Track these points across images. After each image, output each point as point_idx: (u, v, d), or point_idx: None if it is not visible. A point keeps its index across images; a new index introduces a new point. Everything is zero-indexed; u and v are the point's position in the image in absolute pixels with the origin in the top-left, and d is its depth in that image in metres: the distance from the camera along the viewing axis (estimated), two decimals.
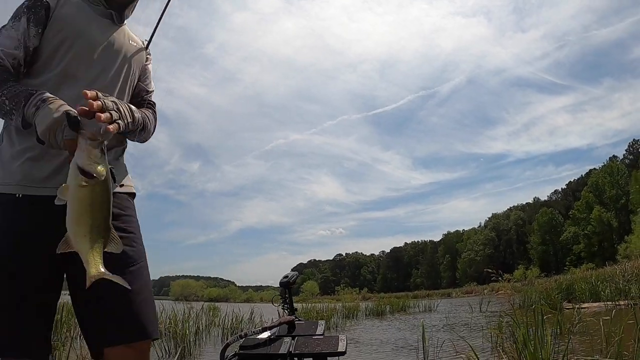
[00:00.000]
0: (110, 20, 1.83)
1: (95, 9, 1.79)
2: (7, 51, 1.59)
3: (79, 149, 1.22)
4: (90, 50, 1.73)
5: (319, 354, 2.08)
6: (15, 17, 1.66)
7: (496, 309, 15.80)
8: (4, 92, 1.47)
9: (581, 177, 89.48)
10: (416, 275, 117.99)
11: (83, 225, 1.22)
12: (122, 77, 1.84)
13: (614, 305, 10.38)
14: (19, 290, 1.51)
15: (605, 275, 16.66)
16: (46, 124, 1.32)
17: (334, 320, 14.28)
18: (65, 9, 1.71)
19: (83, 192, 1.21)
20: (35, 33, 1.64)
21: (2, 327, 1.48)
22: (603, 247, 66.91)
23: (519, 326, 3.83)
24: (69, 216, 1.22)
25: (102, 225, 1.25)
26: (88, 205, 1.21)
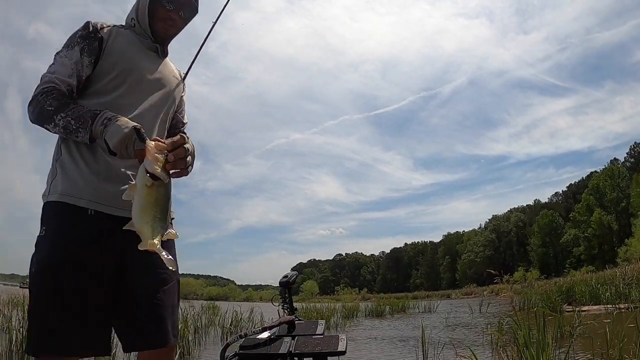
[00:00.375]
0: (156, 53, 2.02)
1: (144, 41, 1.97)
2: (62, 78, 1.76)
3: (147, 156, 1.42)
4: (140, 84, 1.90)
5: (319, 353, 2.08)
6: (69, 46, 1.81)
7: (496, 311, 15.78)
8: (69, 113, 1.65)
9: (582, 180, 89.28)
10: (416, 276, 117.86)
11: (146, 216, 1.40)
12: (165, 109, 2.01)
13: (614, 308, 10.36)
14: (87, 291, 1.66)
15: (605, 278, 16.61)
16: (119, 137, 1.54)
17: (334, 320, 14.27)
18: (118, 42, 1.88)
19: (148, 190, 1.40)
20: (88, 63, 1.81)
21: (72, 325, 1.62)
22: (603, 250, 66.75)
23: (521, 328, 3.80)
24: (135, 208, 1.40)
25: (162, 219, 1.43)
26: (152, 203, 1.41)
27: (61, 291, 1.62)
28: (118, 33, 1.91)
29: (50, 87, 1.73)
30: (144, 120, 1.80)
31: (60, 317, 1.61)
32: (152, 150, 1.44)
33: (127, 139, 1.53)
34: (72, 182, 1.75)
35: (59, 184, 1.77)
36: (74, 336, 1.61)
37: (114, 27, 1.92)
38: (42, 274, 1.65)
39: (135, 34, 1.97)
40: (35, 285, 1.66)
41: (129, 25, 1.99)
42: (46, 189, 1.82)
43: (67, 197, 1.73)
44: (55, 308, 1.61)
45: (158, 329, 1.82)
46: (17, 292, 11.81)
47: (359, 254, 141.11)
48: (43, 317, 1.62)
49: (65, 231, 1.70)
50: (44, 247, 1.69)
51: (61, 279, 1.63)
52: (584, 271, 39.47)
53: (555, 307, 10.02)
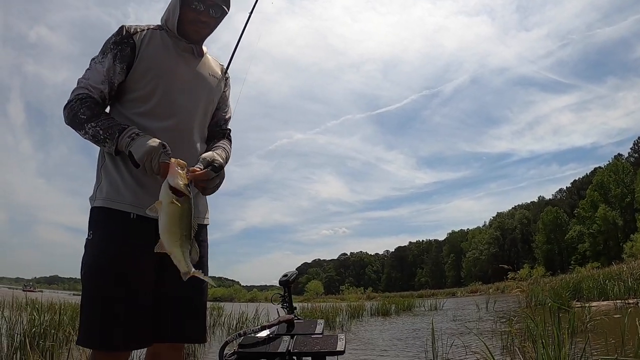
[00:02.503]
0: (192, 54, 2.03)
1: (178, 43, 1.99)
2: (95, 85, 1.83)
3: (171, 172, 1.51)
4: (175, 87, 1.93)
5: (318, 352, 2.10)
6: (103, 53, 1.87)
7: (503, 308, 15.70)
8: (98, 124, 1.74)
9: (586, 176, 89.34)
10: (421, 274, 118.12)
11: (174, 234, 1.49)
12: (204, 110, 2.06)
13: (623, 303, 10.25)
14: (130, 291, 1.75)
15: (612, 273, 16.51)
16: (144, 150, 1.62)
17: (339, 319, 14.20)
18: (151, 48, 1.92)
19: (173, 208, 1.48)
20: (120, 70, 1.86)
21: (117, 323, 1.72)
22: (608, 246, 66.79)
23: (537, 325, 3.69)
24: (161, 226, 1.50)
25: (188, 235, 1.52)
26: (178, 218, 1.49)
27: (107, 293, 1.74)
28: (152, 37, 1.94)
29: (84, 94, 1.81)
30: (181, 122, 1.93)
31: (107, 317, 1.72)
32: (174, 165, 1.53)
33: (153, 151, 1.62)
34: (115, 187, 1.84)
35: (103, 189, 1.86)
36: (118, 334, 1.72)
37: (148, 31, 1.95)
38: (90, 276, 1.78)
39: (169, 36, 1.99)
40: (86, 288, 1.79)
41: (162, 27, 2.01)
42: (92, 194, 1.90)
43: (110, 202, 1.82)
44: (102, 308, 1.73)
45: (197, 325, 1.97)
46: (19, 295, 11.84)
47: (363, 253, 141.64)
48: (92, 315, 1.75)
49: (109, 235, 1.80)
50: (91, 251, 1.81)
51: (107, 281, 1.75)
52: (590, 267, 39.45)
53: (565, 302, 9.89)
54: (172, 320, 1.87)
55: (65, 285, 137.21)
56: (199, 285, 1.94)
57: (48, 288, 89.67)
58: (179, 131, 1.91)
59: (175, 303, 1.89)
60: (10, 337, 4.92)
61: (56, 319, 5.55)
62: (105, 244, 1.79)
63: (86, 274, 1.79)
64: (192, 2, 1.94)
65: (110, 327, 1.71)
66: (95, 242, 1.81)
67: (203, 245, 2.06)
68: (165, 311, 1.87)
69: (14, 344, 4.78)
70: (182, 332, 1.91)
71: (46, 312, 5.89)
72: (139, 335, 1.77)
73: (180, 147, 1.86)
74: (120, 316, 1.72)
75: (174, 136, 1.86)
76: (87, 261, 1.80)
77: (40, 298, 10.09)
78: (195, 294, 1.95)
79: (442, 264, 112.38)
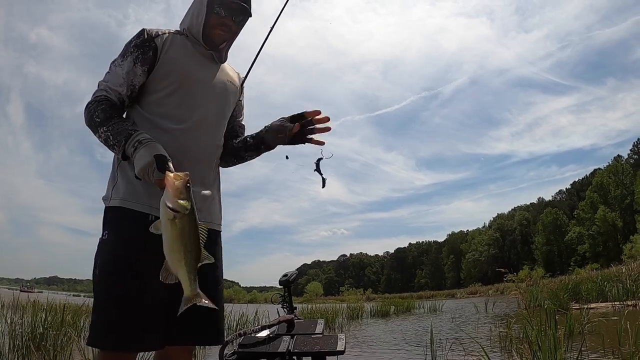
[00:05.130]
0: (211, 60, 2.05)
1: (198, 49, 2.00)
2: (113, 87, 1.83)
3: (167, 187, 1.44)
4: (195, 92, 1.94)
5: (318, 352, 2.09)
6: (123, 55, 1.86)
7: (502, 310, 15.70)
8: (110, 128, 1.72)
9: (586, 177, 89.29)
10: (420, 275, 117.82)
11: (177, 252, 1.44)
12: (221, 115, 2.07)
13: (621, 305, 10.26)
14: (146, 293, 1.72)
15: (611, 275, 16.51)
16: (140, 165, 1.60)
17: (339, 320, 14.20)
18: (172, 51, 1.92)
19: (172, 225, 1.42)
20: (141, 72, 1.86)
21: (131, 325, 1.70)
22: (608, 247, 66.65)
23: (533, 327, 3.72)
24: (164, 246, 1.45)
25: (193, 250, 1.46)
26: (178, 235, 1.43)
27: (121, 294, 1.71)
28: (173, 41, 1.94)
29: (102, 96, 1.81)
30: (199, 128, 1.92)
31: (121, 318, 1.69)
32: (170, 180, 1.45)
33: (147, 167, 1.59)
34: (132, 188, 1.81)
35: (120, 189, 1.83)
36: (131, 335, 1.70)
37: (169, 35, 1.95)
38: (104, 277, 1.76)
39: (189, 41, 1.99)
40: (98, 288, 1.77)
41: (181, 33, 2.01)
42: (107, 193, 1.88)
43: (128, 203, 1.80)
44: (116, 309, 1.70)
45: (214, 326, 1.95)
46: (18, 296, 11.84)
47: (363, 254, 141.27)
48: (105, 316, 1.73)
49: (126, 236, 1.78)
50: (106, 252, 1.78)
51: (121, 283, 1.72)
52: (589, 269, 39.41)
53: (563, 304, 9.90)
54: (188, 321, 1.82)
55: (64, 286, 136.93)
56: (215, 286, 1.94)
57: (47, 289, 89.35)
58: (195, 134, 1.91)
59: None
60: (12, 337, 4.94)
61: (57, 319, 5.56)
62: (121, 245, 1.77)
63: (101, 273, 1.77)
64: (215, 7, 1.95)
65: (124, 328, 1.69)
66: (111, 242, 1.79)
67: (217, 249, 2.04)
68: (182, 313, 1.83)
69: (17, 345, 4.80)
70: (199, 333, 1.90)
71: (47, 313, 5.88)
72: (151, 337, 1.75)
73: (196, 151, 1.90)
74: (134, 317, 1.70)
75: (190, 139, 1.88)
76: (102, 261, 1.78)
77: (38, 298, 10.08)
78: (213, 293, 1.88)
79: (441, 266, 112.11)
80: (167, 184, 1.45)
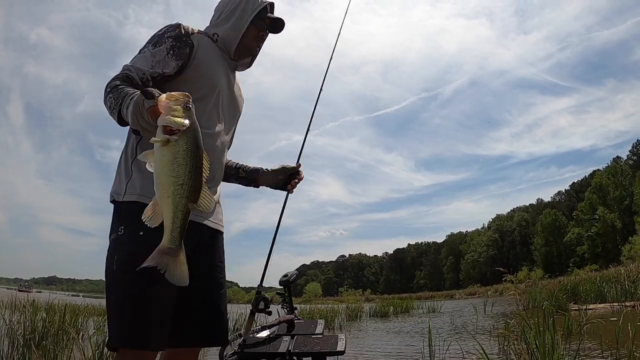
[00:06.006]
0: (233, 71, 2.03)
1: (225, 57, 1.97)
2: (138, 67, 1.70)
3: (160, 109, 1.21)
4: (220, 102, 1.91)
5: (318, 353, 2.08)
6: (156, 44, 1.77)
7: (501, 311, 15.69)
8: (115, 94, 1.55)
9: (585, 178, 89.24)
10: (419, 276, 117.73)
11: (164, 185, 1.17)
12: (233, 131, 2.09)
13: (620, 306, 10.27)
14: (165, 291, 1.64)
15: (610, 276, 16.52)
16: (130, 110, 1.38)
17: (338, 321, 14.19)
18: (206, 53, 1.86)
19: (164, 150, 1.16)
20: (175, 66, 1.76)
21: (152, 322, 1.65)
22: (607, 249, 66.59)
23: (531, 328, 3.73)
24: (154, 179, 1.19)
25: (187, 183, 1.17)
26: (168, 162, 1.15)
27: (143, 291, 1.64)
28: (206, 44, 1.88)
29: (123, 74, 1.68)
30: (219, 139, 1.90)
31: (143, 315, 1.64)
32: (163, 101, 1.22)
33: (137, 105, 1.36)
34: (150, 183, 1.67)
35: (137, 184, 1.75)
36: (153, 333, 1.66)
37: (201, 36, 1.89)
38: (125, 273, 1.66)
39: (218, 48, 1.95)
40: (118, 284, 1.69)
41: (208, 35, 1.95)
42: (119, 187, 1.79)
43: (147, 199, 1.64)
44: (138, 306, 1.65)
45: (221, 327, 1.93)
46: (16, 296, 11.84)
47: (362, 255, 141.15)
48: (126, 314, 1.66)
49: (146, 232, 1.60)
50: (126, 247, 1.69)
51: (143, 279, 1.61)
52: (588, 270, 39.39)
53: (562, 305, 9.92)
54: (195, 322, 1.84)
55: (63, 286, 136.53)
56: (219, 289, 1.93)
57: (46, 289, 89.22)
58: (214, 143, 1.87)
59: (197, 305, 1.85)
60: (11, 337, 4.95)
61: (57, 319, 5.57)
62: (140, 242, 1.64)
63: (120, 271, 1.68)
64: (258, 19, 1.97)
65: (148, 327, 1.65)
66: (130, 238, 1.70)
67: (220, 251, 2.02)
68: (188, 313, 1.83)
69: (17, 344, 4.81)
70: (205, 334, 1.88)
71: (47, 312, 5.89)
72: (166, 336, 1.72)
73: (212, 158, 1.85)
74: (155, 316, 1.66)
75: (209, 148, 1.78)
76: (121, 258, 1.69)
77: (38, 298, 10.09)
78: (218, 294, 1.93)
79: (440, 266, 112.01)
80: (160, 106, 1.22)
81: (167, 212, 1.17)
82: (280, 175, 2.29)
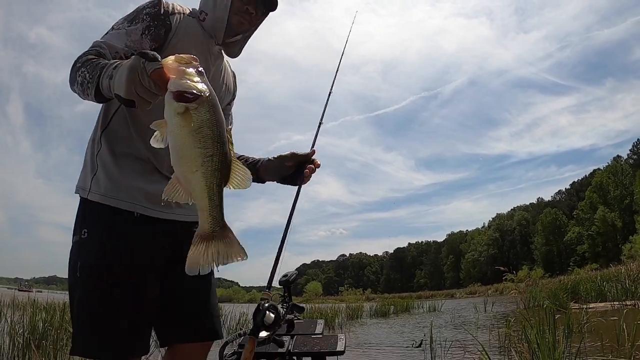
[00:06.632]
0: (217, 56, 1.84)
1: (207, 38, 1.77)
2: (110, 43, 1.52)
3: (169, 73, 1.03)
4: None
5: (318, 353, 2.06)
6: (132, 21, 1.61)
7: (501, 310, 15.69)
8: (88, 68, 1.37)
9: (585, 177, 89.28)
10: (420, 275, 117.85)
11: (189, 159, 0.99)
12: None
13: (620, 305, 10.26)
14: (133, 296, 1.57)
15: (610, 275, 16.51)
16: (124, 77, 1.14)
17: (338, 320, 14.19)
18: (185, 38, 1.69)
19: (182, 120, 0.98)
20: (148, 46, 1.58)
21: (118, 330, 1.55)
22: (607, 248, 66.63)
23: (532, 327, 3.73)
24: (172, 155, 1.01)
25: (215, 155, 1.00)
26: (191, 132, 0.98)
27: (109, 297, 1.54)
28: (187, 25, 1.71)
29: (94, 49, 1.49)
30: None
31: (107, 322, 1.55)
32: (172, 63, 1.04)
33: (133, 70, 1.12)
34: (116, 181, 1.61)
35: (101, 182, 1.62)
36: (118, 341, 1.56)
37: (183, 16, 1.72)
38: (89, 279, 1.57)
39: (202, 29, 1.76)
40: (81, 290, 1.58)
41: (196, 15, 1.78)
42: (84, 182, 1.66)
43: (112, 200, 1.60)
44: (102, 314, 1.55)
45: (210, 322, 1.85)
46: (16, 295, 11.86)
47: (362, 254, 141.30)
48: (91, 321, 1.56)
49: (111, 236, 1.59)
50: (89, 252, 1.59)
51: (109, 285, 1.55)
52: (588, 269, 39.36)
53: (563, 304, 9.92)
54: (182, 318, 1.76)
55: (64, 286, 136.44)
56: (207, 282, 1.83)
57: (46, 288, 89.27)
58: None
59: (186, 302, 1.77)
60: (11, 337, 4.95)
61: (57, 319, 5.56)
62: (105, 247, 1.58)
63: (82, 278, 1.58)
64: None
65: (110, 335, 1.55)
66: (93, 242, 1.59)
67: None
68: (176, 310, 1.75)
69: (17, 344, 4.81)
70: (197, 329, 1.80)
71: (47, 312, 5.89)
72: (137, 344, 1.60)
73: None
74: (121, 325, 1.55)
75: None
76: (84, 263, 1.58)
77: (38, 298, 10.09)
78: (204, 289, 1.83)
79: (441, 266, 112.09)
80: (168, 69, 1.04)
81: (199, 189, 1.00)
82: (288, 162, 1.90)
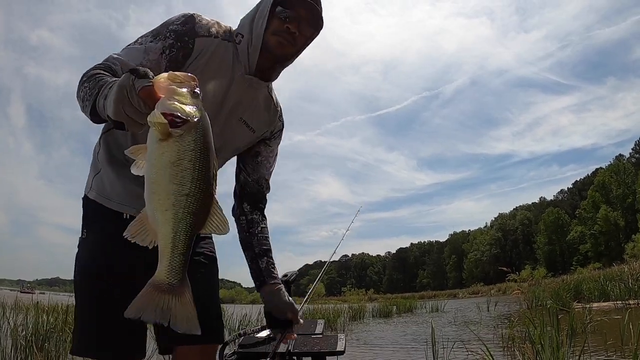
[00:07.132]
0: (244, 88, 1.65)
1: (236, 64, 1.61)
2: (122, 59, 1.42)
3: (159, 92, 0.88)
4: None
5: (318, 353, 2.07)
6: (156, 36, 1.51)
7: (504, 310, 15.66)
8: (90, 83, 1.26)
9: (587, 177, 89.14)
10: (422, 275, 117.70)
11: (162, 195, 0.83)
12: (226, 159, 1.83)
13: (623, 304, 10.24)
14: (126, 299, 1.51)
15: (613, 274, 16.48)
16: (113, 97, 0.99)
17: (341, 321, 14.17)
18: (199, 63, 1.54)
19: (164, 147, 0.82)
20: (165, 66, 1.48)
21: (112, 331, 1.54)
22: (610, 247, 66.50)
23: (535, 326, 3.72)
24: (145, 187, 0.87)
25: (192, 195, 0.84)
26: (169, 163, 0.82)
27: (100, 299, 1.56)
28: (215, 49, 1.56)
29: (105, 64, 1.40)
30: None
31: (101, 324, 1.56)
32: (163, 81, 0.88)
33: (122, 90, 0.97)
34: (109, 182, 1.63)
35: (98, 181, 1.65)
36: (113, 342, 1.57)
37: (213, 40, 1.57)
38: (83, 281, 1.62)
39: (235, 54, 1.60)
40: (78, 292, 1.63)
41: (232, 38, 1.62)
42: (88, 180, 1.70)
43: (103, 199, 1.63)
44: (95, 315, 1.57)
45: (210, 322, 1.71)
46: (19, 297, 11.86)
47: (365, 254, 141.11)
48: (85, 322, 1.61)
49: (103, 237, 1.61)
50: (84, 254, 1.65)
51: (99, 287, 1.58)
52: (591, 268, 39.32)
53: (566, 304, 9.90)
54: None
55: (67, 288, 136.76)
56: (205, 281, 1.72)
57: (49, 290, 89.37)
58: None
59: None
60: (13, 339, 4.95)
61: (60, 321, 5.56)
62: (98, 246, 1.61)
63: (77, 280, 1.62)
64: (277, 6, 1.56)
65: (105, 337, 1.55)
66: (88, 243, 1.64)
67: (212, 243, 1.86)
68: None
69: (19, 346, 4.81)
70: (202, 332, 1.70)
71: (49, 314, 5.88)
72: (133, 346, 1.61)
73: None
74: (115, 326, 1.52)
75: None
76: (81, 264, 1.62)
77: (41, 300, 10.09)
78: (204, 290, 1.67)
79: (443, 265, 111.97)
80: (158, 87, 0.88)
81: (165, 231, 0.85)
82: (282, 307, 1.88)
